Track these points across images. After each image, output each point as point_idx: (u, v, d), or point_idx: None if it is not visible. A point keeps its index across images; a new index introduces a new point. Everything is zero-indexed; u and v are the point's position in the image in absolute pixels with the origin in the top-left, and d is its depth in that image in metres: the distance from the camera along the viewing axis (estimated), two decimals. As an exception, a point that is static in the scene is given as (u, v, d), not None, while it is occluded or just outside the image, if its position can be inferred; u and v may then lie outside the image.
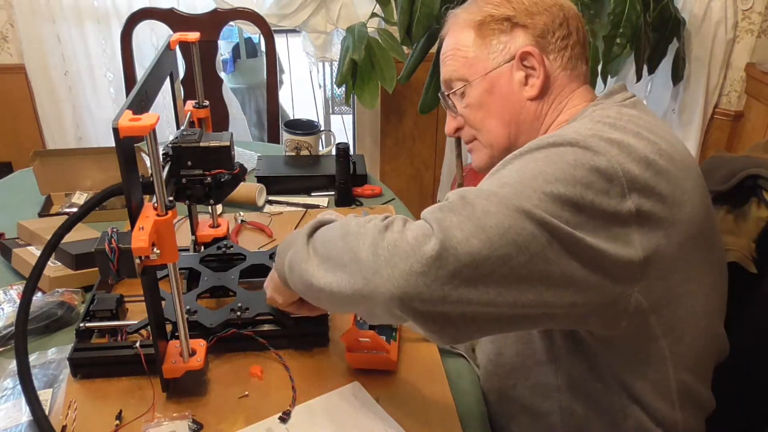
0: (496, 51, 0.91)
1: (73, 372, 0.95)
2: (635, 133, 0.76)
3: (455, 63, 0.94)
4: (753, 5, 2.19)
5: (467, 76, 0.93)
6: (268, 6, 2.29)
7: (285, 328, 1.00)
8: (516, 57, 0.89)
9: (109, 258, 0.74)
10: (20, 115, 2.41)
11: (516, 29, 0.90)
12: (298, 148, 1.66)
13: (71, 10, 2.26)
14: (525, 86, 0.90)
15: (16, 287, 1.15)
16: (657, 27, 2.04)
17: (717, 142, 2.39)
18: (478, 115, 0.94)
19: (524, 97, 0.91)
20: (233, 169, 1.00)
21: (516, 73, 0.90)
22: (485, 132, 0.95)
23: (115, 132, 0.71)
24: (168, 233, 0.78)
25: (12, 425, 0.86)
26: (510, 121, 0.92)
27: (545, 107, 0.91)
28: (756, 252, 0.98)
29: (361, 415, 0.89)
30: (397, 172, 2.77)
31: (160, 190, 0.78)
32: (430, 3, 1.82)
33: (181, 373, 0.89)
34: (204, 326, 0.97)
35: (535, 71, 0.89)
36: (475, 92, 0.93)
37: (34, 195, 1.47)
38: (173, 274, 0.84)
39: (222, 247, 1.18)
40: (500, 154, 0.92)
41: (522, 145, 0.85)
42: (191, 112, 1.14)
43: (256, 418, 0.88)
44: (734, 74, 2.30)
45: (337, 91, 2.72)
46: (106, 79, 2.42)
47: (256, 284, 1.12)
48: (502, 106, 0.92)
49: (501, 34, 0.90)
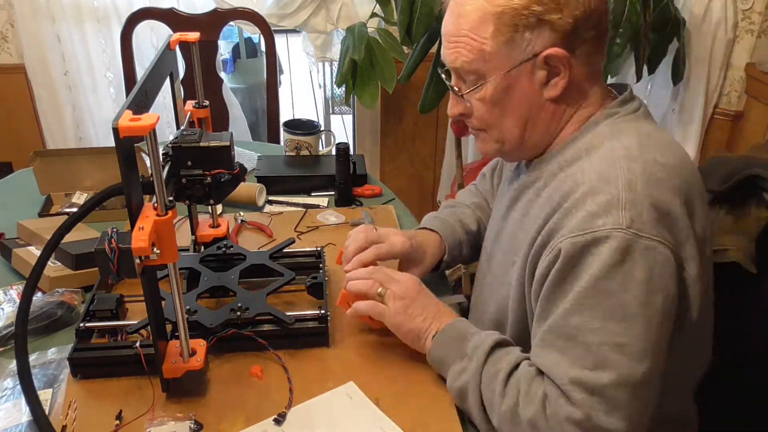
0: (518, 48, 0.83)
1: (73, 372, 0.95)
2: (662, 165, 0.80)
3: (469, 54, 0.85)
4: (753, 5, 2.19)
5: (483, 72, 0.85)
6: (268, 6, 2.29)
7: (284, 328, 1.00)
8: (540, 57, 0.83)
9: (109, 258, 0.74)
10: (20, 115, 2.41)
11: (542, 25, 0.81)
12: (298, 148, 1.66)
13: (71, 10, 2.26)
14: (546, 85, 0.85)
15: (16, 287, 1.15)
16: (657, 27, 2.04)
17: (717, 142, 2.39)
18: (492, 113, 0.89)
19: (544, 97, 0.86)
20: (233, 169, 1.00)
21: (537, 72, 0.84)
22: (498, 129, 0.91)
23: (115, 132, 0.71)
24: (168, 233, 0.78)
25: (12, 425, 0.86)
26: (527, 121, 0.89)
27: (563, 107, 0.88)
28: (756, 252, 0.98)
29: (356, 415, 0.89)
30: (397, 172, 2.77)
31: (161, 190, 0.78)
32: (430, 3, 1.82)
33: (182, 373, 0.89)
34: (204, 326, 0.97)
35: (560, 72, 0.84)
36: (490, 89, 0.86)
37: (34, 195, 1.47)
38: (173, 274, 0.84)
39: (222, 247, 1.18)
40: (510, 149, 0.92)
41: (534, 143, 0.91)
42: (191, 112, 1.14)
43: (256, 418, 0.88)
44: (734, 74, 2.29)
45: (337, 91, 2.72)
46: (106, 79, 2.42)
47: (256, 284, 1.13)
48: (520, 106, 0.87)
49: (525, 30, 0.81)
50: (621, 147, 0.82)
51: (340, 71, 2.08)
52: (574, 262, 0.77)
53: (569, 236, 0.78)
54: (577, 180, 0.82)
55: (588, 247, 0.76)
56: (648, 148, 0.82)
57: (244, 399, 0.92)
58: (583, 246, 0.76)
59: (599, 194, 0.78)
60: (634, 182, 0.78)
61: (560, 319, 0.79)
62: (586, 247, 0.76)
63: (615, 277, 0.75)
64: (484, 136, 0.94)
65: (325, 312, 1.01)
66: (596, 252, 0.76)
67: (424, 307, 0.96)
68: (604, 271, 0.75)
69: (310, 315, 1.02)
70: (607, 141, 0.84)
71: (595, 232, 0.76)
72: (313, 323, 1.01)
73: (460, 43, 0.85)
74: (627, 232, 0.75)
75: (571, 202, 0.80)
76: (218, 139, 0.98)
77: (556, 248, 0.79)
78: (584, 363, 0.76)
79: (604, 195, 0.77)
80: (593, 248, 0.76)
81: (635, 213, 0.76)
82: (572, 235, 0.77)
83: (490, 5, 0.82)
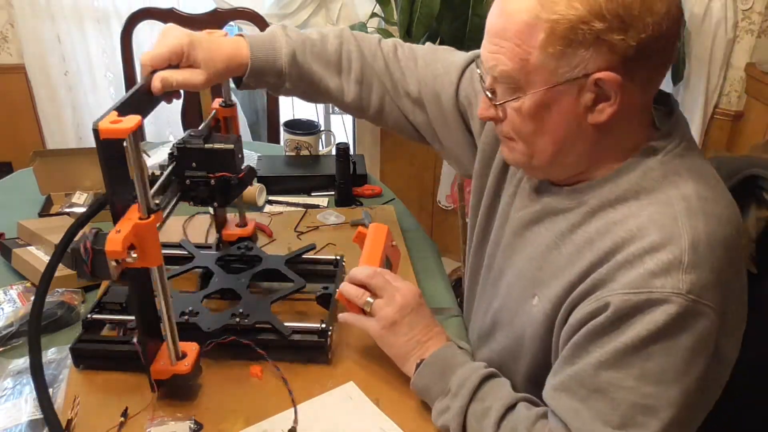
0: (567, 65, 0.72)
1: (75, 362, 0.95)
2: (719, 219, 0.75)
3: (510, 61, 0.75)
4: (753, 5, 2.19)
5: (522, 84, 0.76)
6: (268, 6, 2.29)
7: (283, 339, 0.96)
8: (591, 79, 0.72)
9: (83, 259, 0.73)
10: (20, 115, 2.41)
11: (600, 45, 0.70)
12: (298, 148, 1.66)
13: (71, 10, 2.26)
14: (592, 110, 0.75)
15: (16, 287, 1.15)
16: (657, 27, 2.04)
17: (717, 142, 2.39)
18: (527, 127, 0.79)
19: (588, 122, 0.76)
20: (238, 173, 0.98)
21: (585, 94, 0.74)
22: (530, 144, 0.81)
23: (95, 133, 0.70)
24: (150, 237, 0.77)
25: (12, 425, 0.85)
26: (564, 143, 0.79)
27: (606, 134, 0.78)
28: (756, 252, 0.98)
29: (356, 415, 0.89)
30: (397, 172, 2.77)
31: (142, 193, 0.76)
32: (430, 3, 1.82)
33: (168, 376, 0.87)
34: (202, 329, 0.95)
35: (610, 98, 0.73)
36: (528, 103, 0.77)
37: (34, 195, 1.47)
38: (158, 278, 0.82)
39: (242, 248, 1.15)
40: (539, 165, 0.83)
41: (566, 166, 0.83)
42: (216, 110, 1.11)
43: (256, 418, 0.88)
44: (734, 74, 2.29)
45: (337, 91, 2.71)
46: (106, 79, 2.42)
47: (269, 289, 1.11)
48: (558, 126, 0.77)
49: (580, 47, 0.70)
50: (680, 197, 0.75)
51: (340, 71, 2.08)
52: (623, 320, 0.72)
53: (621, 292, 0.72)
54: (632, 231, 0.74)
55: (641, 308, 0.71)
56: (706, 198, 0.76)
57: (244, 399, 0.92)
58: (636, 305, 0.71)
59: (660, 253, 0.71)
60: (696, 243, 0.72)
61: (591, 369, 0.74)
62: (640, 307, 0.71)
63: (662, 341, 0.71)
64: (513, 145, 0.84)
65: (326, 327, 0.97)
66: (649, 313, 0.71)
67: (411, 327, 0.91)
68: (653, 333, 0.71)
69: (310, 328, 0.98)
70: (660, 185, 0.77)
71: (652, 293, 0.70)
72: (312, 337, 0.97)
73: (503, 47, 0.75)
74: (686, 298, 0.70)
75: (625, 255, 0.73)
76: (224, 141, 0.97)
77: (603, 300, 0.73)
78: (609, 419, 0.73)
79: (666, 255, 0.71)
80: (647, 309, 0.71)
81: (696, 278, 0.70)
82: (625, 291, 0.72)
83: (544, 11, 0.71)
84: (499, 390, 0.85)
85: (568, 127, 0.77)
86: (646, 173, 0.78)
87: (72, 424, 0.87)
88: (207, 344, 0.94)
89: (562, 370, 0.79)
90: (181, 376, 0.87)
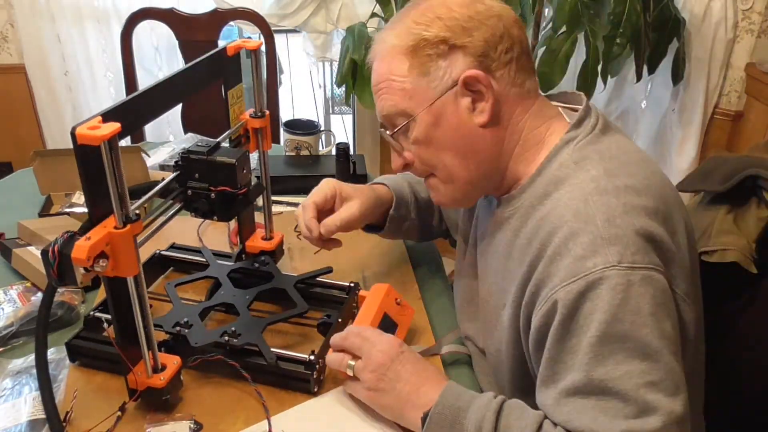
0: (436, 79, 0.82)
1: (70, 357, 0.96)
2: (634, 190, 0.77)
3: (393, 96, 0.85)
4: (753, 5, 2.19)
5: (409, 110, 0.84)
6: (268, 6, 2.29)
7: (270, 364, 0.91)
8: (459, 83, 0.81)
9: (50, 263, 0.72)
10: (20, 115, 2.41)
11: (454, 51, 0.81)
12: (298, 148, 1.66)
13: (71, 9, 2.27)
14: (473, 112, 0.83)
15: (16, 287, 1.15)
16: (657, 27, 2.04)
17: (717, 142, 2.39)
18: (428, 152, 0.87)
19: (475, 124, 0.84)
20: (237, 189, 0.94)
21: (462, 99, 0.83)
22: (441, 167, 0.87)
23: (73, 137, 0.68)
24: (124, 247, 0.74)
25: (12, 425, 0.85)
26: (466, 153, 0.85)
27: (501, 132, 0.85)
28: (756, 252, 0.98)
29: (352, 418, 0.89)
30: (397, 172, 2.77)
31: (117, 203, 0.73)
32: (430, 3, 1.82)
33: (142, 388, 0.85)
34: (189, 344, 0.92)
35: (483, 95, 0.82)
36: (420, 127, 0.85)
37: (34, 195, 1.47)
38: (134, 288, 0.79)
39: (258, 263, 1.13)
40: (464, 187, 0.89)
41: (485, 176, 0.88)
42: (246, 120, 1.07)
43: (256, 418, 0.88)
44: (734, 74, 2.30)
45: (337, 91, 2.72)
46: (106, 79, 2.42)
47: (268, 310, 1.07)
48: (453, 138, 0.85)
49: (438, 59, 0.82)
50: (588, 179, 0.78)
51: (340, 71, 2.08)
52: (575, 312, 0.73)
53: (561, 285, 0.73)
54: (553, 223, 0.77)
55: (585, 293, 0.72)
56: (615, 174, 0.79)
57: (243, 399, 0.92)
58: (579, 292, 0.72)
59: (580, 235, 0.74)
60: (612, 215, 0.74)
61: (581, 376, 0.73)
62: (583, 292, 0.72)
63: (624, 317, 0.71)
64: (434, 183, 0.91)
65: (315, 359, 0.91)
66: (595, 296, 0.72)
67: (398, 379, 0.85)
68: (610, 314, 0.71)
69: (298, 357, 0.92)
70: (573, 172, 0.80)
71: (588, 275, 0.72)
72: (298, 367, 0.91)
73: (383, 89, 0.86)
74: (620, 267, 0.71)
75: (553, 248, 0.76)
76: (228, 155, 0.94)
77: (550, 299, 0.75)
78: (626, 413, 0.71)
79: (586, 235, 0.74)
80: (590, 293, 0.72)
81: (622, 246, 0.72)
82: (564, 283, 0.73)
83: (400, 42, 0.83)
84: (519, 419, 0.78)
85: (462, 135, 0.84)
86: (562, 164, 0.82)
87: (69, 416, 0.87)
88: (193, 360, 0.91)
89: (553, 388, 0.77)
90: (155, 389, 0.85)
